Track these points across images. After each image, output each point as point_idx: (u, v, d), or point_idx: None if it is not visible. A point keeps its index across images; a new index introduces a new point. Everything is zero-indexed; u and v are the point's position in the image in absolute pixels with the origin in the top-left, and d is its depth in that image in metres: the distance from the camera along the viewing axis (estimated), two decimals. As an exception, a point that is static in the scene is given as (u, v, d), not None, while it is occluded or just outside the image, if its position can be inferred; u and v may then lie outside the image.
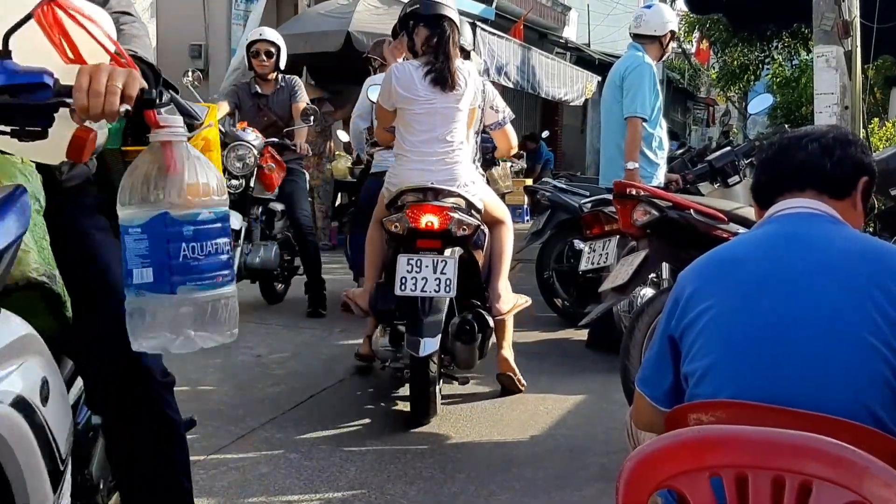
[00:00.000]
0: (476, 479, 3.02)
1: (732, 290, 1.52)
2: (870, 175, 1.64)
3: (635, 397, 1.71)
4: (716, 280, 1.56)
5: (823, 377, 1.40)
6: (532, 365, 4.59)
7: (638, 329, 3.40)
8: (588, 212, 4.77)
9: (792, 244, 1.55)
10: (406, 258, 3.36)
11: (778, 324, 1.46)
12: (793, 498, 1.22)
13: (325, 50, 8.63)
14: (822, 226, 1.57)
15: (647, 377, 1.67)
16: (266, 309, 5.76)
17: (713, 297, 1.53)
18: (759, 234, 1.64)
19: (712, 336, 1.50)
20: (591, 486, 3.00)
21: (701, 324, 1.52)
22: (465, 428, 3.56)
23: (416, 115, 3.52)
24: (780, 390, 1.40)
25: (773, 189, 1.66)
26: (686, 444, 1.31)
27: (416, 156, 3.53)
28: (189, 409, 3.62)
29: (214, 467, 3.04)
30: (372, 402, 3.85)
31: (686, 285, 1.60)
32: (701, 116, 31.95)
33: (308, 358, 4.55)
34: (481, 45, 10.06)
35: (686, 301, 1.57)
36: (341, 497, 2.84)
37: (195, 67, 10.70)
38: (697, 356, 1.51)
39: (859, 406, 1.37)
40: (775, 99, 17.88)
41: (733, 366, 1.46)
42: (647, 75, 4.81)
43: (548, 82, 12.28)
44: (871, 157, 1.66)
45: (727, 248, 1.67)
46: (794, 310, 1.46)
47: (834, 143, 1.62)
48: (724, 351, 1.48)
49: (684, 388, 1.57)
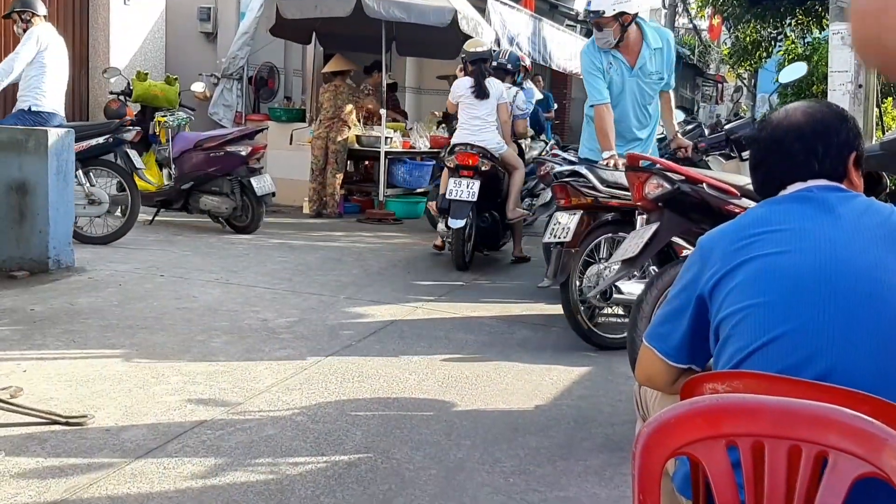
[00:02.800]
0: (481, 446, 3.04)
1: (773, 244, 1.54)
2: (856, 149, 1.65)
3: (641, 351, 1.73)
4: (753, 237, 1.57)
5: (864, 335, 1.44)
6: (537, 337, 4.60)
7: (646, 302, 3.40)
8: (557, 182, 4.58)
9: (819, 207, 1.57)
10: (453, 180, 6.14)
11: (820, 278, 1.48)
12: (809, 468, 1.23)
13: (335, 15, 8.55)
14: (840, 193, 1.59)
15: (658, 333, 1.69)
16: (273, 274, 5.77)
17: (753, 251, 1.54)
18: (780, 202, 1.63)
19: (756, 280, 1.52)
20: (595, 455, 3.01)
21: (740, 274, 1.53)
22: (471, 396, 3.58)
23: (465, 108, 6.50)
24: (822, 343, 1.44)
25: (771, 187, 1.68)
26: (703, 412, 1.31)
27: (464, 127, 6.47)
28: (196, 370, 3.66)
29: (221, 428, 3.06)
30: (378, 368, 3.86)
31: (715, 246, 1.61)
32: (710, 93, 31.76)
33: (314, 323, 4.56)
34: (492, 14, 9.97)
35: (720, 258, 1.57)
36: (347, 460, 2.85)
37: (203, 30, 10.68)
38: (739, 299, 1.52)
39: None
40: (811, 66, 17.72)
41: (784, 313, 1.48)
42: (583, 63, 4.81)
43: (558, 53, 12.20)
44: (849, 131, 1.65)
45: (757, 210, 1.66)
46: (836, 265, 1.49)
47: (814, 140, 1.62)
48: (770, 293, 1.50)
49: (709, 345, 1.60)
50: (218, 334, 4.24)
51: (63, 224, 5.44)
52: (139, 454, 2.80)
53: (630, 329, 3.48)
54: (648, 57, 4.75)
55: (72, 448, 2.82)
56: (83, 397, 3.28)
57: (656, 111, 4.94)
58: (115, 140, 6.63)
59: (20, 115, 6.25)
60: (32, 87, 6.26)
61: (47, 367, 3.60)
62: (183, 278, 5.48)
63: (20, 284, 5.07)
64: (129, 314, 4.53)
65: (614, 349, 4.30)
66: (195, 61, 10.45)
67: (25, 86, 6.29)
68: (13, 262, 5.32)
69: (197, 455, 2.82)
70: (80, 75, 9.69)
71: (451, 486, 2.71)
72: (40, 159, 5.28)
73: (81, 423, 3.01)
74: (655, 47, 4.76)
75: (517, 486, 2.73)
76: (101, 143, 6.57)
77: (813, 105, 1.69)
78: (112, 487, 2.55)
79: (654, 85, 4.84)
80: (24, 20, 6.34)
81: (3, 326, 4.15)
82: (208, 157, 7.38)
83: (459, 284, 5.91)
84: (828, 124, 1.63)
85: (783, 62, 21.04)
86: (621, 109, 4.82)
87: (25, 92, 6.30)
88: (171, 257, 6.18)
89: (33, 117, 6.23)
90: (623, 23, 4.66)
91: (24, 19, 6.34)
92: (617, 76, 4.77)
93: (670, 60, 4.84)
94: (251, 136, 7.67)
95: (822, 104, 1.71)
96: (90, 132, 6.55)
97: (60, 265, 5.39)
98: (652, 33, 4.80)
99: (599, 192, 4.24)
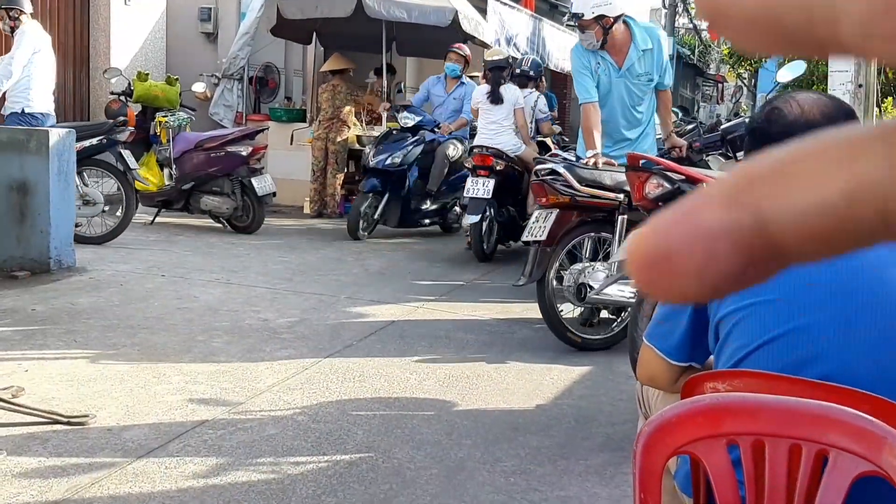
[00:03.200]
0: (482, 445, 3.05)
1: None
2: None
3: (642, 351, 1.72)
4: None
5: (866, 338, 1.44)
6: (537, 336, 4.61)
7: (647, 301, 3.40)
8: (534, 181, 4.54)
9: None
10: (471, 179, 6.53)
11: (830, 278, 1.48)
12: (809, 466, 1.23)
13: (335, 15, 8.55)
14: None
15: (659, 332, 1.68)
16: (274, 274, 5.77)
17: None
18: None
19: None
20: (596, 455, 3.02)
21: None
22: (472, 395, 3.58)
23: (483, 112, 6.93)
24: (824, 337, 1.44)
25: None
26: (704, 411, 1.31)
27: (482, 131, 6.89)
28: (197, 370, 3.67)
29: (223, 427, 3.07)
30: (379, 368, 3.87)
31: None
32: (710, 93, 31.76)
33: (315, 323, 4.56)
34: (492, 14, 9.97)
35: None
36: (348, 460, 2.86)
37: (203, 30, 10.68)
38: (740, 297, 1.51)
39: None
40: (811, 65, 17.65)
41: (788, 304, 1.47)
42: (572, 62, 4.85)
43: (557, 54, 12.20)
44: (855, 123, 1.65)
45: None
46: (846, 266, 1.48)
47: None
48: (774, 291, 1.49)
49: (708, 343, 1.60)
50: (219, 334, 4.25)
51: (64, 224, 5.44)
52: (141, 454, 2.80)
53: (630, 328, 3.48)
54: (637, 58, 4.71)
55: (73, 448, 2.82)
56: (85, 397, 3.29)
57: (648, 112, 4.89)
58: (108, 141, 6.62)
59: (14, 119, 6.24)
60: (23, 90, 6.26)
61: (49, 367, 3.61)
62: (184, 278, 5.48)
63: (21, 284, 5.08)
64: (131, 314, 4.54)
65: (594, 350, 4.30)
66: (196, 62, 10.45)
67: (15, 88, 6.27)
68: (14, 262, 5.32)
69: (198, 455, 2.82)
70: (81, 76, 9.69)
71: (452, 485, 2.72)
72: (41, 159, 5.28)
73: (83, 422, 3.01)
74: (644, 49, 4.70)
75: (518, 486, 2.74)
76: (95, 145, 6.56)
77: (826, 102, 1.64)
78: (114, 487, 2.56)
79: (642, 86, 4.79)
80: (12, 17, 6.33)
81: (4, 326, 4.16)
82: (209, 158, 7.38)
83: (460, 284, 5.91)
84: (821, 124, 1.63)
85: (783, 62, 21.09)
86: (609, 110, 4.82)
87: (16, 94, 6.28)
88: (172, 257, 6.19)
89: (28, 119, 6.23)
90: (604, 25, 4.62)
91: (12, 17, 6.33)
92: (605, 76, 4.76)
93: (660, 61, 4.78)
94: (252, 136, 7.68)
95: (834, 101, 1.68)
96: (83, 133, 6.53)
97: (61, 265, 5.40)
98: (641, 34, 4.74)
99: (577, 192, 4.22)
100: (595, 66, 4.74)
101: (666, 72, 4.84)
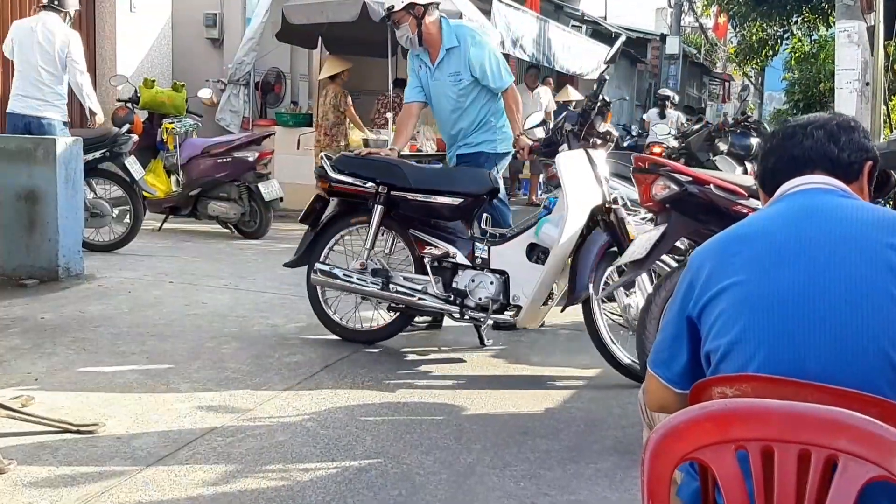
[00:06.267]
0: (491, 449, 3.04)
1: (753, 265, 1.51)
2: (874, 160, 1.65)
3: (647, 378, 1.70)
4: (734, 257, 1.55)
5: (848, 347, 1.40)
6: (547, 340, 4.60)
7: (655, 304, 3.40)
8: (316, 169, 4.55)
9: (808, 216, 1.54)
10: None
11: (801, 296, 1.45)
12: (818, 472, 1.23)
13: (341, 20, 8.56)
14: (836, 199, 1.57)
15: (661, 359, 1.66)
16: (282, 279, 5.77)
17: (733, 273, 1.52)
18: (773, 210, 1.63)
19: (735, 312, 1.49)
20: (605, 458, 3.01)
21: (722, 301, 1.51)
22: (481, 400, 3.58)
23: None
24: (807, 362, 1.40)
25: (780, 174, 1.66)
26: (712, 417, 1.31)
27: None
28: (206, 377, 3.67)
29: (232, 434, 3.07)
30: (387, 373, 3.87)
31: (702, 265, 1.58)
32: (717, 92, 31.68)
33: (323, 328, 4.56)
34: (497, 17, 9.96)
35: (704, 280, 1.56)
36: (357, 465, 2.86)
37: (209, 36, 10.71)
38: (721, 333, 1.51)
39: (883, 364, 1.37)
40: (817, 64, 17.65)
41: (759, 340, 1.45)
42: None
43: (563, 55, 12.18)
44: (873, 143, 1.68)
45: (742, 226, 1.65)
46: (816, 281, 1.45)
47: (839, 130, 1.64)
48: (749, 326, 1.47)
49: (703, 369, 1.57)
50: (228, 340, 4.26)
51: (72, 232, 5.46)
52: (150, 462, 2.81)
53: (639, 330, 3.47)
54: (444, 56, 4.65)
55: (83, 456, 2.83)
56: (94, 405, 3.30)
57: (482, 111, 4.74)
58: (111, 154, 6.65)
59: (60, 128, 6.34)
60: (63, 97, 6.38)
61: (58, 376, 3.62)
62: (192, 284, 5.49)
63: (30, 293, 5.10)
64: (139, 321, 4.55)
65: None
66: (202, 67, 10.48)
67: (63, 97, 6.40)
68: (23, 271, 5.34)
69: (208, 462, 2.83)
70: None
71: (462, 490, 2.71)
72: (49, 168, 5.30)
73: (93, 431, 3.02)
74: (449, 46, 4.62)
75: (528, 490, 2.73)
76: (98, 158, 6.58)
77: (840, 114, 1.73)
78: (124, 495, 2.57)
79: (453, 85, 4.68)
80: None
81: (14, 335, 4.17)
82: (216, 163, 7.41)
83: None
84: (854, 126, 1.66)
85: (790, 60, 21.02)
86: (436, 108, 4.86)
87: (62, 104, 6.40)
88: (180, 264, 6.20)
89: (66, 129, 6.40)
90: (416, 15, 4.55)
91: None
92: (424, 76, 4.75)
93: (470, 60, 4.61)
94: (258, 141, 7.70)
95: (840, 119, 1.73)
96: (87, 146, 6.49)
97: (70, 273, 5.41)
98: (448, 32, 4.65)
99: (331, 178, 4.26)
100: (417, 68, 4.76)
101: (489, 72, 4.63)
